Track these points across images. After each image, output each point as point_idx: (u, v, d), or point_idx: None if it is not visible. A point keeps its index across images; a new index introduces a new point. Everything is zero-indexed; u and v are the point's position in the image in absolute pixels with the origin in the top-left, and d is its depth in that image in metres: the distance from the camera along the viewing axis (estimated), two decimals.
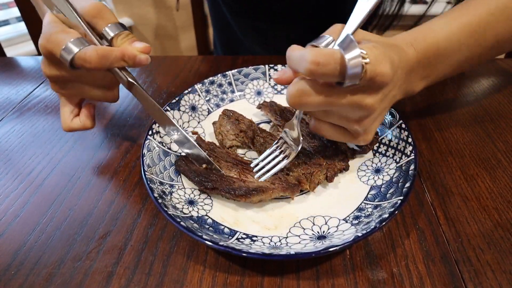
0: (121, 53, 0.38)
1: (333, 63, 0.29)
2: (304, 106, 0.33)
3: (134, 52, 0.38)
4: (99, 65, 0.37)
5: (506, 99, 0.57)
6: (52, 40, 0.37)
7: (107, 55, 0.37)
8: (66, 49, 0.36)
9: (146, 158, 0.42)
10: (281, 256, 0.31)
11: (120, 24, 0.41)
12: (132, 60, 0.39)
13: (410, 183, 0.37)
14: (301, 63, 0.30)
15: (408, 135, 0.42)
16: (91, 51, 0.36)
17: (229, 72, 0.57)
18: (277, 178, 0.41)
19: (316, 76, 0.30)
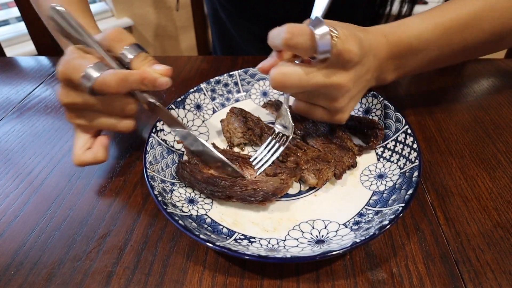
0: (141, 77, 0.37)
1: (305, 34, 0.32)
2: (286, 87, 0.36)
3: (154, 75, 0.38)
4: (119, 89, 0.37)
5: (506, 100, 0.57)
6: (70, 66, 0.36)
7: (126, 78, 0.36)
8: (86, 74, 0.36)
9: (149, 155, 0.42)
10: (277, 259, 0.31)
11: (137, 45, 0.40)
12: (152, 84, 0.38)
13: (412, 190, 0.36)
14: (278, 36, 0.33)
15: (413, 141, 0.42)
16: (110, 75, 0.36)
17: (235, 72, 0.57)
18: (278, 168, 0.41)
19: (291, 45, 0.33)
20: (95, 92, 0.37)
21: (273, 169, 0.41)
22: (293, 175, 0.40)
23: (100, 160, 0.42)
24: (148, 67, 0.39)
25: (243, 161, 0.43)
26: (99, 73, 0.36)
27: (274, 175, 0.41)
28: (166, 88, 0.38)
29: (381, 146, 0.45)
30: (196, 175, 0.41)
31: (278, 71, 0.35)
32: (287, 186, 0.39)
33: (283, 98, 0.43)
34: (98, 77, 0.36)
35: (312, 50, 0.33)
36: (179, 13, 1.92)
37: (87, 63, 0.36)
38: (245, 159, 0.44)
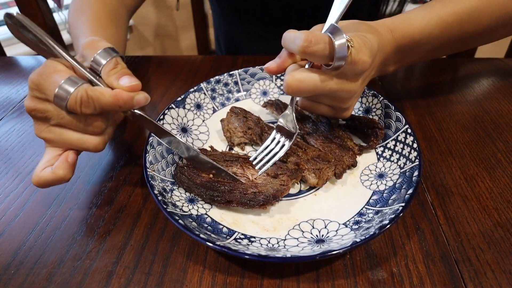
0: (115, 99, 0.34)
1: (323, 43, 0.33)
2: (300, 91, 0.36)
3: (129, 95, 0.34)
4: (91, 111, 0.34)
5: (506, 99, 0.57)
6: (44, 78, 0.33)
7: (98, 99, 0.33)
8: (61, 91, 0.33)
9: (149, 155, 0.42)
10: (277, 259, 0.31)
11: (110, 48, 0.37)
12: (129, 104, 0.35)
13: (413, 190, 0.36)
14: (295, 41, 0.33)
15: (413, 141, 0.42)
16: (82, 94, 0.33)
17: (236, 72, 0.57)
18: (279, 168, 0.41)
19: (307, 53, 0.33)
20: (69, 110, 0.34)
21: (275, 170, 0.41)
22: (294, 176, 0.40)
23: (60, 177, 0.35)
24: (116, 79, 0.35)
25: (244, 162, 0.43)
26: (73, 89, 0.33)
27: (275, 176, 0.41)
28: (146, 104, 0.36)
29: (381, 145, 0.45)
30: (194, 179, 0.41)
31: (294, 77, 0.36)
32: (287, 188, 0.39)
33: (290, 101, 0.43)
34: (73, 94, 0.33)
35: (329, 58, 0.34)
36: (179, 13, 1.92)
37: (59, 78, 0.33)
38: (245, 159, 0.44)
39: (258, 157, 0.44)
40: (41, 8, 0.83)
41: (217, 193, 0.39)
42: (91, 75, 0.36)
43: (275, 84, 0.58)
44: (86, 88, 0.33)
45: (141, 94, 0.36)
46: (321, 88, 0.36)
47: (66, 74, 0.34)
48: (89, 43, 0.38)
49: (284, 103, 0.52)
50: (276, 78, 0.58)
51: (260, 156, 0.44)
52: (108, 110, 0.34)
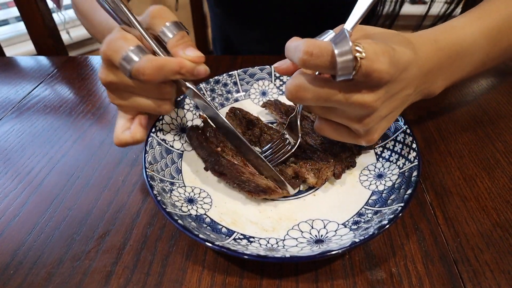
0: (178, 66, 0.36)
1: (325, 55, 0.28)
2: (301, 100, 0.33)
3: (192, 65, 0.37)
4: (155, 77, 0.35)
5: (505, 99, 0.57)
6: (111, 47, 0.36)
7: (163, 67, 0.35)
8: (125, 58, 0.35)
9: (148, 155, 0.42)
10: (276, 259, 0.31)
11: (177, 23, 0.39)
12: (190, 73, 0.37)
13: (412, 190, 0.36)
14: (295, 53, 0.30)
15: (412, 141, 0.42)
16: (147, 62, 0.35)
17: (235, 72, 0.57)
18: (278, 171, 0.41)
19: (308, 66, 0.30)
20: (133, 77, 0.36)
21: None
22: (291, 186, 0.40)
23: (138, 139, 0.41)
24: (182, 49, 0.38)
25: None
26: (138, 58, 0.35)
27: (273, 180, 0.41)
28: (205, 76, 0.38)
29: (380, 145, 0.45)
30: (202, 142, 0.43)
31: (295, 82, 0.32)
32: (277, 193, 0.39)
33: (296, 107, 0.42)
34: (136, 62, 0.35)
35: (333, 71, 0.29)
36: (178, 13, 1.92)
37: (127, 46, 0.35)
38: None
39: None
40: (41, 8, 0.83)
41: (216, 161, 0.40)
42: (156, 46, 0.38)
43: (274, 85, 0.58)
44: (151, 58, 0.35)
45: (202, 65, 0.38)
46: (325, 98, 0.32)
47: (133, 43, 0.36)
48: (157, 12, 0.39)
49: (284, 103, 0.52)
50: (275, 79, 0.58)
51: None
52: (170, 77, 0.36)
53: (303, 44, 0.29)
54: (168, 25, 0.38)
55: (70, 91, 0.65)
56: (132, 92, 0.39)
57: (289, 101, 0.36)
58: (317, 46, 0.29)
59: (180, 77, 0.37)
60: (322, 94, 0.32)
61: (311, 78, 0.32)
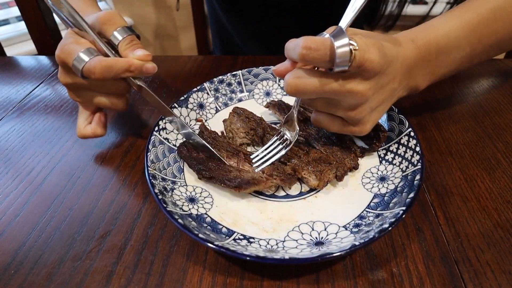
0: (128, 64, 0.40)
1: (323, 48, 0.31)
2: (300, 93, 0.35)
3: (140, 63, 0.40)
4: (103, 76, 0.39)
5: (506, 100, 0.57)
6: (64, 51, 0.40)
7: (111, 66, 0.39)
8: (77, 60, 0.39)
9: (151, 153, 0.42)
10: (275, 260, 0.31)
11: (127, 28, 0.43)
12: (139, 70, 0.41)
13: (414, 194, 0.35)
14: (295, 49, 0.32)
15: (416, 144, 0.42)
16: (96, 63, 0.38)
17: (239, 72, 0.57)
18: (275, 169, 0.41)
19: (308, 60, 0.32)
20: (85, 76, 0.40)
21: (271, 170, 0.41)
22: (287, 182, 0.40)
23: (98, 135, 0.47)
24: (131, 51, 0.41)
25: (244, 157, 0.44)
26: (88, 59, 0.39)
27: (270, 175, 0.41)
28: (153, 73, 0.41)
29: (383, 148, 0.45)
30: (191, 153, 0.44)
31: (294, 76, 0.34)
32: (265, 182, 0.39)
33: (293, 102, 0.43)
34: (86, 63, 0.38)
35: (330, 64, 0.32)
36: (179, 13, 1.92)
37: (79, 49, 0.39)
38: (246, 155, 0.44)
39: (258, 156, 0.44)
40: (41, 8, 0.83)
41: (205, 168, 0.41)
42: (107, 48, 0.42)
43: (278, 85, 0.58)
44: (100, 58, 0.39)
45: (150, 63, 0.41)
46: (323, 89, 0.34)
47: (84, 46, 0.40)
48: (107, 18, 0.43)
49: (287, 104, 0.52)
50: (280, 79, 0.58)
51: (260, 155, 0.44)
52: (121, 75, 0.40)
53: (302, 40, 0.32)
54: (118, 30, 0.42)
55: None
56: (88, 90, 0.44)
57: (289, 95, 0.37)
58: (315, 41, 0.31)
59: (130, 74, 0.41)
60: (321, 84, 0.34)
61: (309, 71, 0.35)
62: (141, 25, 1.96)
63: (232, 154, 0.44)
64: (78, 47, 0.39)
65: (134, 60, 0.40)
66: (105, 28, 0.42)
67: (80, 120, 0.47)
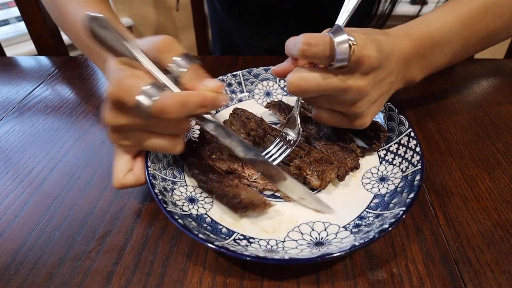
0: (202, 99, 0.33)
1: (323, 44, 0.32)
2: (302, 91, 0.36)
3: (214, 96, 0.34)
4: (178, 114, 0.32)
5: (506, 100, 0.57)
6: (123, 87, 0.31)
7: (187, 102, 0.32)
8: (144, 96, 0.31)
9: (151, 154, 0.42)
10: (275, 260, 0.31)
11: (188, 55, 0.35)
12: (213, 104, 0.34)
13: (414, 194, 0.36)
14: (295, 46, 0.33)
15: (416, 144, 0.42)
16: (170, 99, 0.31)
17: (239, 72, 0.57)
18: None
19: (308, 56, 0.33)
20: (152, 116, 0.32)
21: None
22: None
23: (142, 183, 0.39)
24: (199, 82, 0.35)
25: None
26: (157, 96, 0.31)
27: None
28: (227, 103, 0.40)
29: (384, 148, 0.45)
30: (195, 157, 0.43)
31: (296, 76, 0.35)
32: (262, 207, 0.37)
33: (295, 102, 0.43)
34: (156, 101, 0.31)
35: (330, 59, 0.33)
36: (179, 13, 1.92)
37: (142, 84, 0.31)
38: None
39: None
40: (41, 8, 0.83)
41: (205, 178, 0.40)
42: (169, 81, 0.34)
43: (278, 85, 0.58)
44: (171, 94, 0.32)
45: (223, 95, 0.35)
46: (325, 86, 0.35)
47: (147, 80, 0.32)
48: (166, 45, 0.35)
49: (287, 104, 0.52)
50: (280, 79, 0.58)
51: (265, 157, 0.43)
52: (194, 111, 0.33)
53: (302, 37, 0.33)
54: (179, 59, 0.35)
55: (70, 91, 0.65)
56: (142, 131, 0.35)
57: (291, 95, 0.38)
58: (315, 37, 0.32)
59: (203, 110, 0.34)
60: (323, 81, 0.35)
61: (310, 69, 0.35)
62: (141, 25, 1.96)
63: (235, 157, 0.44)
64: (140, 81, 0.31)
65: (207, 93, 0.34)
66: (163, 58, 0.35)
67: (118, 166, 0.38)
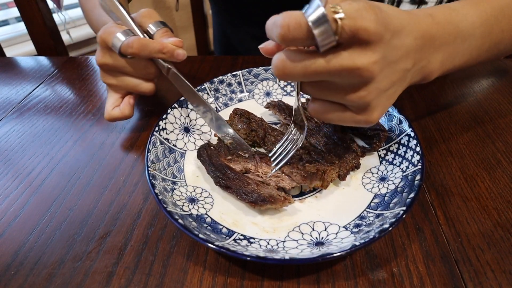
0: (161, 46, 0.45)
1: (303, 25, 0.26)
2: (289, 75, 0.30)
3: (173, 47, 0.45)
4: (139, 51, 0.44)
5: (506, 99, 0.57)
6: (106, 31, 0.45)
7: (147, 45, 0.44)
8: (116, 37, 0.44)
9: (151, 153, 0.42)
10: (275, 260, 0.31)
11: (162, 22, 0.50)
12: (170, 53, 0.45)
13: (414, 194, 0.35)
14: (273, 29, 0.27)
15: (416, 144, 0.41)
16: (134, 40, 0.44)
17: (239, 72, 0.57)
18: (295, 168, 0.41)
19: (288, 41, 0.27)
20: (122, 53, 0.44)
21: (290, 169, 0.41)
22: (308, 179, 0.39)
23: (127, 115, 0.50)
24: (165, 38, 0.47)
25: (260, 159, 0.43)
26: (126, 38, 0.44)
27: (290, 174, 0.41)
28: (183, 59, 0.46)
29: (384, 148, 0.45)
30: (211, 158, 0.43)
31: (280, 57, 0.29)
32: (282, 202, 0.38)
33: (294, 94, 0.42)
34: (125, 40, 0.44)
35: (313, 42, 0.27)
36: (179, 13, 1.92)
37: (119, 30, 0.45)
38: (262, 156, 0.43)
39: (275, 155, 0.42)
40: (41, 9, 0.83)
41: (222, 175, 0.41)
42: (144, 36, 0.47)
43: (278, 85, 0.58)
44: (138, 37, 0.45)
45: (181, 49, 0.46)
46: (314, 68, 0.28)
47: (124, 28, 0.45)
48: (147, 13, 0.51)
49: (287, 104, 0.52)
50: (280, 79, 0.58)
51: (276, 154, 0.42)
52: (154, 55, 0.45)
53: (280, 17, 0.27)
54: (154, 23, 0.49)
55: (70, 91, 0.65)
56: (122, 71, 0.48)
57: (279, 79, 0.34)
58: (294, 17, 0.26)
59: (162, 56, 0.45)
60: (309, 64, 0.28)
61: (297, 51, 0.29)
62: None
63: (248, 157, 0.44)
64: (119, 29, 0.45)
65: (168, 44, 0.45)
66: (144, 21, 0.49)
67: (108, 102, 0.50)
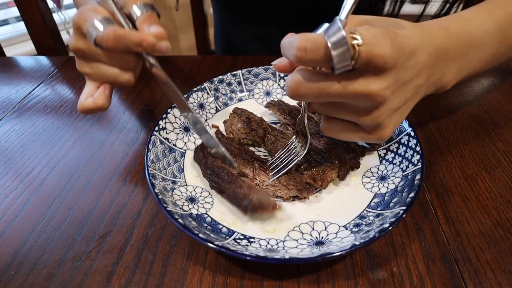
0: (139, 39, 0.37)
1: (321, 47, 0.27)
2: (302, 96, 0.31)
3: (153, 41, 0.38)
4: (115, 46, 0.37)
5: (506, 99, 0.57)
6: (81, 16, 0.38)
7: (124, 38, 0.37)
8: (92, 26, 0.37)
9: (151, 153, 0.42)
10: (275, 260, 0.31)
11: (148, 4, 0.41)
12: (151, 47, 0.38)
13: (414, 193, 0.35)
14: (289, 50, 0.28)
15: (416, 144, 0.41)
16: (109, 31, 0.37)
17: (239, 72, 0.57)
18: (292, 179, 0.41)
19: (304, 63, 0.28)
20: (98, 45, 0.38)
21: (287, 180, 0.41)
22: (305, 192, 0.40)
23: (99, 105, 0.42)
24: (147, 26, 0.39)
25: (259, 166, 0.43)
26: (103, 27, 0.37)
27: (287, 185, 0.40)
28: (166, 52, 0.39)
29: (384, 148, 0.45)
30: (207, 159, 0.42)
31: (294, 77, 0.30)
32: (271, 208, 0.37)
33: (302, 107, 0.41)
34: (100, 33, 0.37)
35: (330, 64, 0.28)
36: (179, 13, 1.92)
37: (96, 16, 0.37)
38: (261, 164, 0.43)
39: (274, 164, 0.43)
40: (41, 8, 0.83)
41: (217, 179, 0.40)
42: (124, 20, 0.40)
43: (278, 85, 0.58)
44: (114, 28, 0.37)
45: (164, 42, 0.39)
46: (328, 91, 0.29)
47: (101, 14, 0.38)
48: None
49: (287, 104, 0.52)
50: (280, 79, 0.58)
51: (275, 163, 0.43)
52: (132, 48, 0.38)
53: (297, 40, 0.27)
54: (139, 5, 0.40)
55: (70, 91, 0.65)
56: (97, 60, 0.41)
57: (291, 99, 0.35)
58: (311, 40, 0.27)
59: (141, 50, 0.39)
60: (324, 87, 0.29)
61: (311, 72, 0.30)
62: None
63: (247, 162, 0.43)
64: (95, 14, 0.38)
65: (149, 36, 0.38)
66: (127, 2, 0.41)
67: (83, 92, 0.43)
